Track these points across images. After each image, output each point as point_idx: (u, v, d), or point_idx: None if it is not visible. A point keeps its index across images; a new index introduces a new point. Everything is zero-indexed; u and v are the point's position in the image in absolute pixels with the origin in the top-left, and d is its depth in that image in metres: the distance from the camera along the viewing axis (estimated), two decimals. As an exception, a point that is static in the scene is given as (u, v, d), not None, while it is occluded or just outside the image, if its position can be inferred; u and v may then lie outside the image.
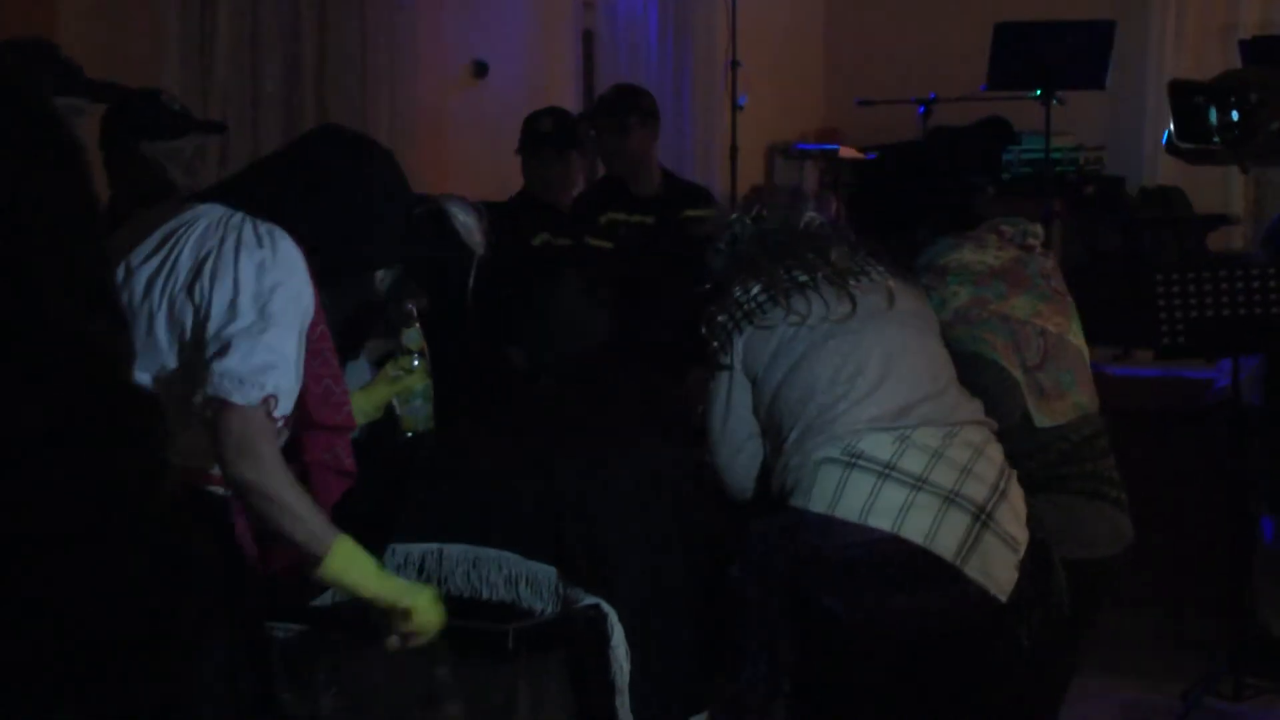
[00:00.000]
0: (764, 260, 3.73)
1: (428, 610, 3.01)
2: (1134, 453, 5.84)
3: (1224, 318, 5.01)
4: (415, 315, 3.84)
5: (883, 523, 3.43)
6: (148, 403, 2.11)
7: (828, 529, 3.46)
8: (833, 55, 10.91)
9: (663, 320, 5.36)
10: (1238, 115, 2.42)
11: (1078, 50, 8.43)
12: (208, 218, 3.00)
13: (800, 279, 3.67)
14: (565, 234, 5.78)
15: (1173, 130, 4.69)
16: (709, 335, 3.71)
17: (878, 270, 3.74)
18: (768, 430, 3.64)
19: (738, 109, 8.46)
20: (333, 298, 3.08)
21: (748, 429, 3.67)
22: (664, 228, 5.91)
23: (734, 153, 8.44)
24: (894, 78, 9.63)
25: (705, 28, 9.38)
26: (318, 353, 3.04)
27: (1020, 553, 3.52)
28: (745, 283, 3.69)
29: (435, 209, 3.72)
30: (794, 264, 3.70)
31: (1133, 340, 6.22)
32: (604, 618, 3.37)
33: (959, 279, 3.92)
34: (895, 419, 3.51)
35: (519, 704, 3.28)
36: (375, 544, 3.27)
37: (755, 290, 3.67)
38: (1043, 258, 4.06)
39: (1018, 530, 3.54)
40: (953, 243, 4.00)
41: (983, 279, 3.92)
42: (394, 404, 3.83)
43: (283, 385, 2.90)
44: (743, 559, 3.56)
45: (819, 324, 3.62)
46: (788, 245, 3.76)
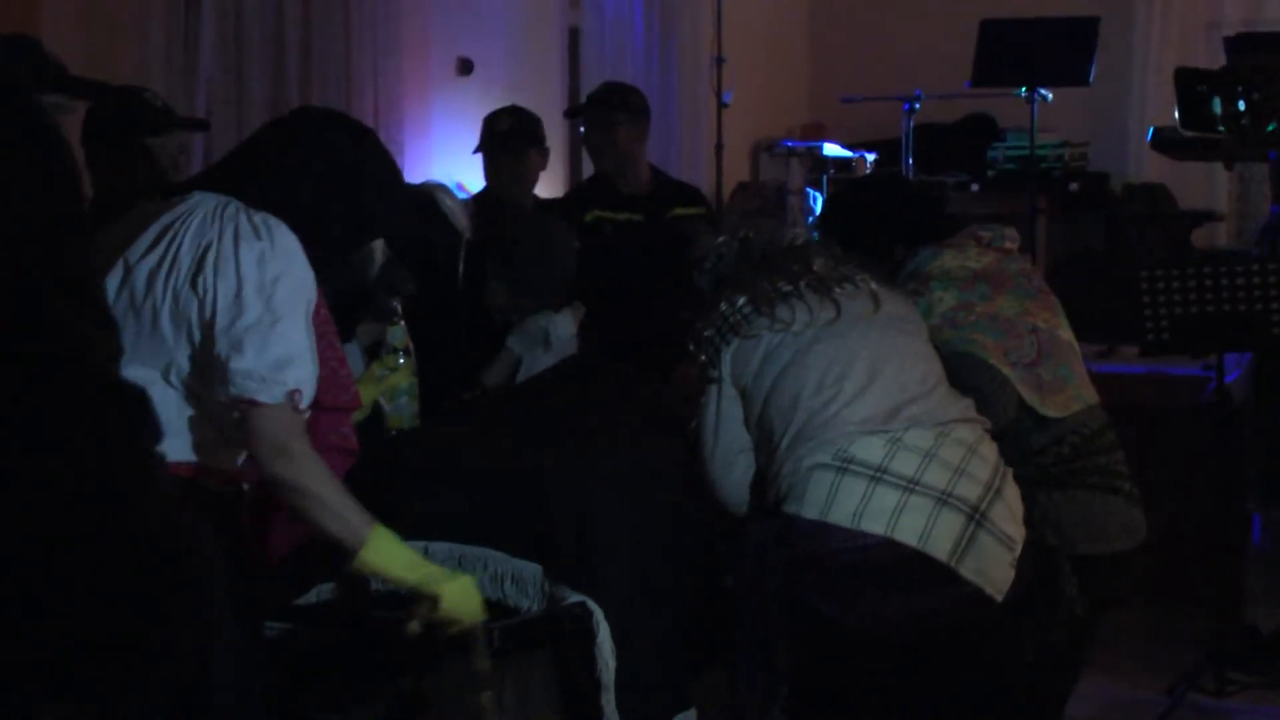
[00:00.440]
0: (748, 274, 3.75)
1: (458, 598, 3.05)
2: (1120, 448, 5.88)
3: (1208, 314, 5.01)
4: (400, 313, 3.84)
5: (875, 526, 3.42)
6: (135, 399, 2.11)
7: (821, 535, 3.45)
8: (818, 52, 10.92)
9: (651, 318, 5.36)
10: (1244, 105, 2.43)
11: (1062, 47, 8.43)
12: (203, 209, 3.00)
13: (784, 288, 3.67)
14: None
15: (1177, 118, 4.69)
16: (696, 350, 3.71)
17: (862, 276, 3.74)
18: (759, 439, 3.64)
19: (723, 106, 8.45)
20: (325, 282, 3.09)
21: (740, 443, 3.66)
22: (652, 226, 5.90)
23: (719, 150, 8.43)
24: (879, 75, 9.65)
25: (690, 25, 9.38)
26: (322, 336, 3.07)
27: (1016, 551, 3.51)
28: (730, 296, 3.70)
29: (423, 195, 3.73)
30: (777, 275, 3.71)
31: (1117, 337, 6.22)
32: (590, 615, 3.38)
33: (943, 284, 3.93)
34: (885, 421, 3.51)
35: (505, 702, 3.28)
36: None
37: (740, 302, 3.67)
38: (1021, 259, 4.09)
39: (1013, 529, 3.53)
40: (932, 251, 4.02)
41: (966, 283, 3.93)
42: (380, 401, 3.84)
43: (303, 377, 2.92)
44: (738, 566, 3.56)
45: (804, 330, 3.62)
46: (771, 259, 3.77)
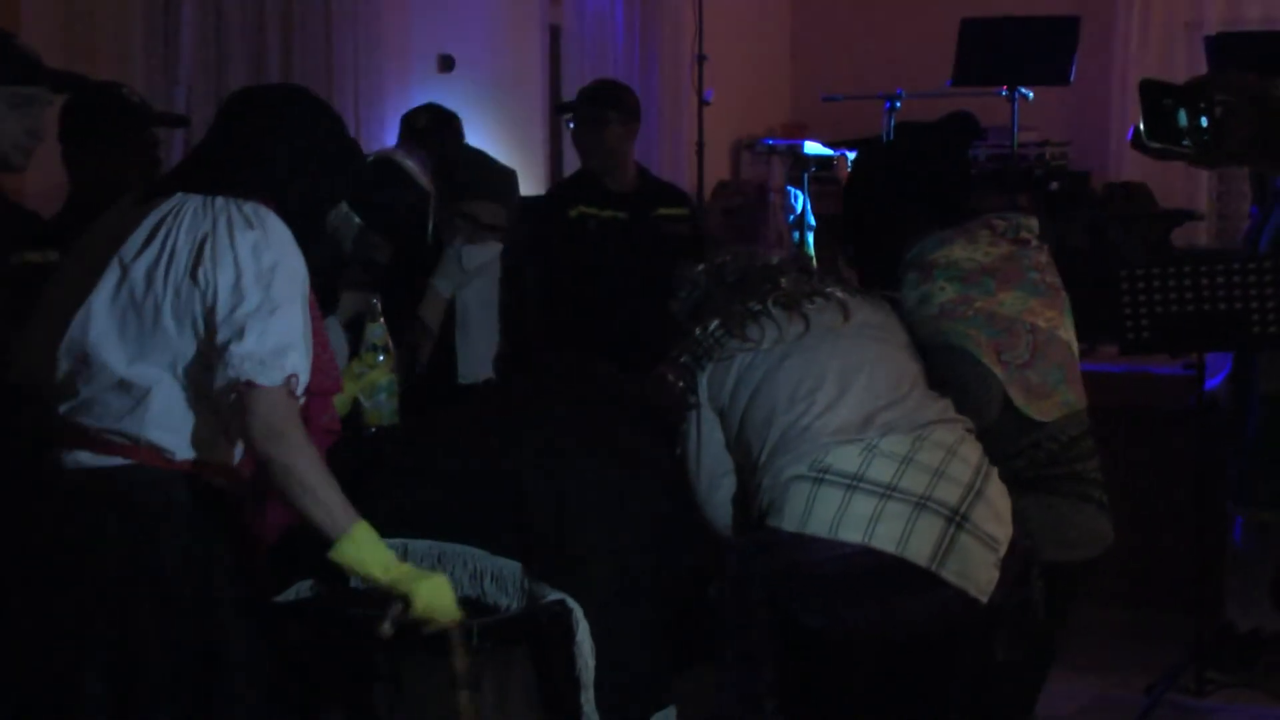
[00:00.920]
0: (720, 297, 3.76)
1: (431, 598, 3.05)
2: (1100, 448, 5.88)
3: (1189, 314, 5.01)
4: (380, 311, 3.84)
5: (853, 535, 3.41)
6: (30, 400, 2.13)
7: (801, 546, 3.44)
8: (799, 51, 10.92)
9: (634, 314, 5.36)
10: (1206, 121, 2.42)
11: (1043, 46, 8.45)
12: (192, 203, 3.03)
13: (753, 308, 3.68)
14: None
15: (1142, 129, 4.69)
16: (675, 378, 3.72)
17: (831, 288, 3.74)
18: (740, 458, 3.64)
19: (704, 104, 8.45)
20: (306, 256, 3.11)
21: (723, 465, 3.66)
22: (636, 224, 5.90)
23: (700, 148, 8.43)
24: (860, 73, 9.65)
25: (672, 22, 9.38)
26: (310, 321, 3.08)
27: (1000, 550, 3.50)
28: (704, 321, 3.72)
29: (384, 158, 3.74)
30: (748, 296, 3.72)
31: (1098, 336, 6.22)
32: (569, 613, 3.37)
33: (946, 275, 3.88)
34: (860, 430, 3.50)
35: (484, 699, 3.27)
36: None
37: (713, 326, 3.69)
38: (1036, 251, 4.02)
39: (997, 529, 3.52)
40: (942, 237, 3.95)
41: (971, 276, 3.88)
42: (359, 398, 3.84)
43: (300, 364, 2.96)
44: (721, 578, 3.55)
45: (773, 346, 3.62)
46: (742, 282, 3.78)
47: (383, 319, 3.85)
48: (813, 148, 9.11)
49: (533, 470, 3.52)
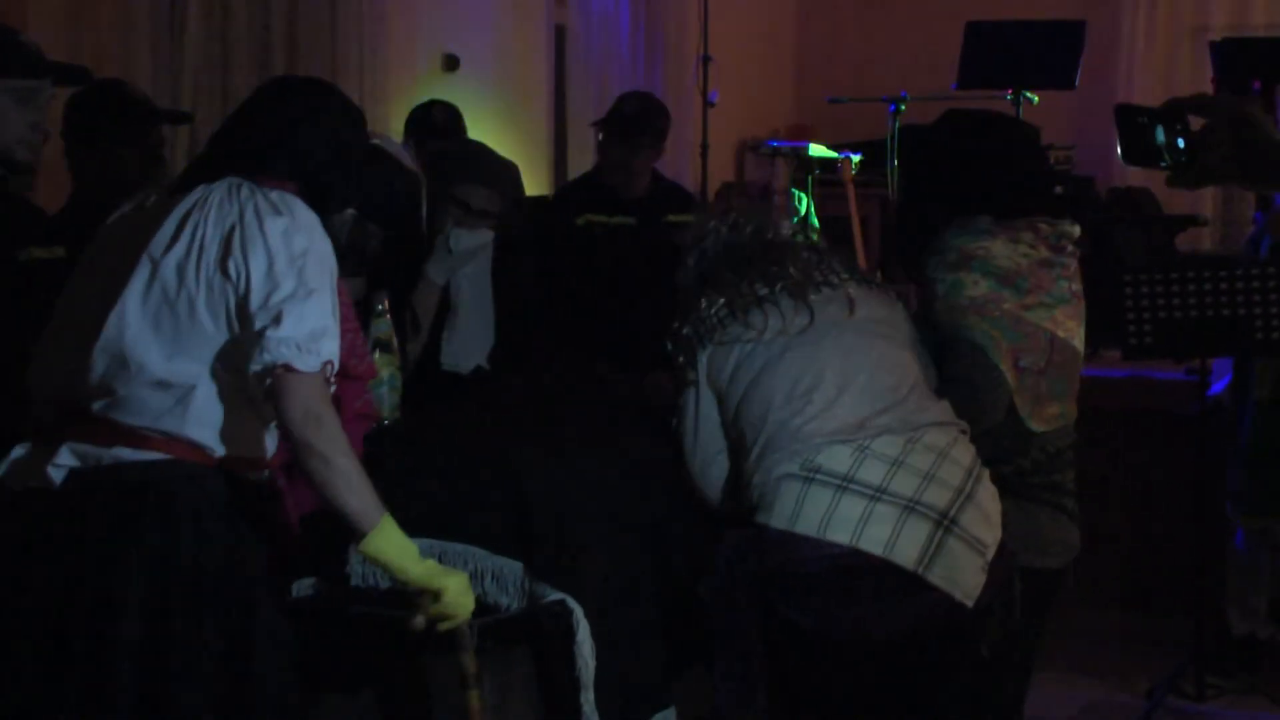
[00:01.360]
0: (728, 274, 3.74)
1: (457, 595, 3.05)
2: (1102, 452, 5.89)
3: (1192, 319, 5.02)
4: (387, 309, 3.84)
5: (840, 536, 3.42)
6: None
7: (789, 544, 3.45)
8: (804, 53, 10.93)
9: (642, 320, 5.36)
10: (1183, 142, 2.43)
11: (1048, 50, 8.44)
12: (218, 193, 3.01)
13: (760, 292, 3.67)
14: None
15: (1120, 154, 4.69)
16: (674, 351, 3.72)
17: (839, 278, 3.73)
18: (733, 444, 3.64)
19: (709, 105, 8.45)
20: None
21: (718, 443, 3.66)
22: (645, 231, 5.90)
23: (704, 149, 8.42)
24: (865, 76, 9.66)
25: (677, 23, 9.38)
26: (339, 306, 3.08)
27: (988, 555, 3.50)
28: (710, 296, 3.70)
29: (374, 149, 3.73)
30: (756, 276, 3.71)
31: (1101, 341, 6.22)
32: (570, 613, 3.37)
33: (982, 269, 3.86)
34: (854, 431, 3.50)
35: (485, 699, 3.27)
36: (342, 539, 3.27)
37: (719, 305, 3.68)
38: (1070, 258, 3.98)
39: (985, 532, 3.51)
40: (987, 229, 3.94)
41: (1006, 276, 3.86)
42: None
43: (334, 350, 2.95)
44: (711, 573, 3.55)
45: (775, 338, 3.61)
46: (752, 259, 3.76)
47: (389, 315, 3.86)
48: (817, 150, 9.09)
49: (534, 470, 3.52)
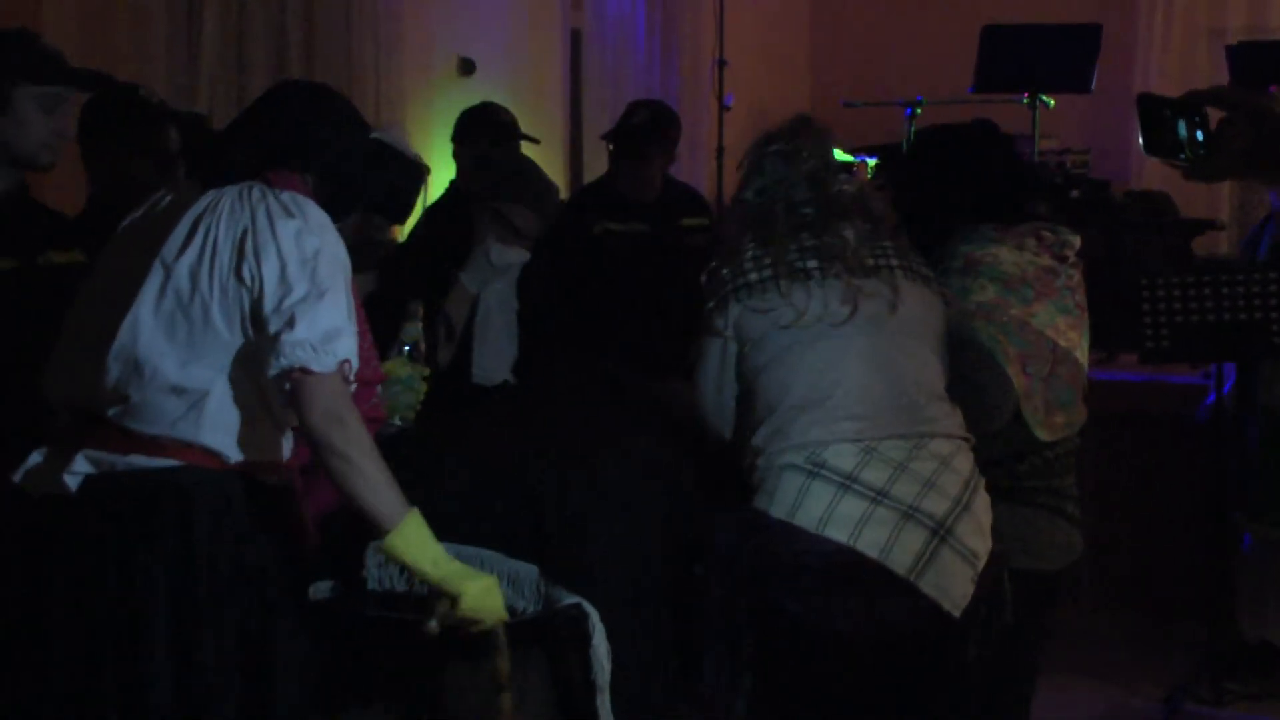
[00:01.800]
0: (781, 226, 3.69)
1: (478, 598, 3.03)
2: (1117, 456, 5.87)
3: (1209, 323, 5.01)
4: (420, 313, 3.86)
5: (839, 534, 3.44)
6: None
7: (786, 535, 3.47)
8: (819, 56, 10.92)
9: (658, 326, 5.37)
10: (1202, 135, 2.43)
11: (1064, 53, 8.43)
12: (229, 196, 3.01)
13: (809, 265, 3.64)
14: None
15: (1140, 143, 4.70)
16: (708, 289, 3.69)
17: (890, 263, 3.69)
18: (743, 399, 3.65)
19: (725, 109, 8.45)
20: None
21: (734, 389, 3.67)
22: (660, 236, 5.92)
23: (720, 152, 8.43)
24: (880, 79, 9.65)
25: (692, 27, 9.38)
26: (354, 306, 3.09)
27: (979, 565, 3.53)
28: (757, 244, 3.67)
29: (373, 140, 3.73)
30: (809, 241, 3.67)
31: (1117, 344, 6.22)
32: (586, 617, 3.37)
33: (989, 275, 3.87)
34: (865, 432, 3.51)
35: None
36: (358, 542, 3.27)
37: (764, 261, 3.64)
38: (1073, 268, 4.00)
39: (978, 543, 3.54)
40: (994, 235, 3.94)
41: (1013, 282, 3.87)
42: (378, 389, 3.84)
43: (351, 348, 2.95)
44: (707, 556, 3.56)
45: (813, 324, 3.60)
46: (810, 217, 3.71)
47: (421, 322, 3.86)
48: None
49: (550, 473, 3.52)
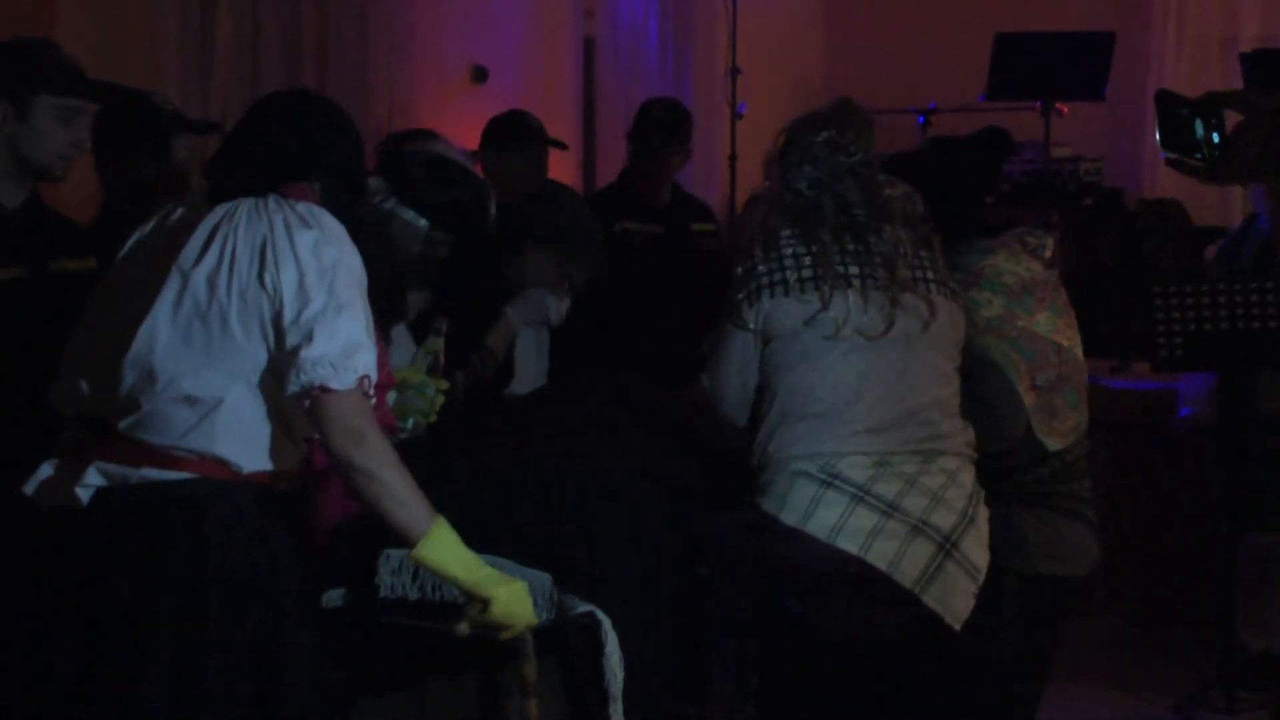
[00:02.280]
0: (827, 228, 3.66)
1: (511, 603, 3.03)
2: (1129, 464, 5.86)
3: (1222, 331, 5.00)
4: (444, 330, 3.85)
5: (850, 545, 3.47)
6: None
7: (796, 542, 3.49)
8: (832, 64, 10.90)
9: (667, 329, 5.36)
10: (1217, 137, 2.43)
11: (1077, 61, 8.43)
12: (245, 206, 3.01)
13: (850, 271, 3.62)
14: None
15: (1158, 139, 4.69)
16: (740, 280, 3.67)
17: (927, 276, 3.67)
18: (758, 399, 3.65)
19: (738, 116, 8.45)
20: (373, 256, 3.11)
21: (755, 380, 3.67)
22: (673, 239, 5.96)
23: (733, 160, 8.43)
24: (893, 87, 9.62)
25: (706, 35, 9.37)
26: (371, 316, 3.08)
27: (980, 579, 3.56)
28: (800, 242, 3.65)
29: (433, 156, 3.71)
30: (851, 245, 3.64)
31: (1130, 353, 6.22)
32: (598, 625, 3.37)
33: (992, 287, 3.88)
34: (879, 445, 3.52)
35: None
36: (370, 549, 3.27)
37: (805, 266, 3.62)
38: (1053, 270, 4.05)
39: (980, 557, 3.57)
40: (986, 247, 3.95)
41: (1014, 292, 3.88)
42: (389, 395, 3.84)
43: (370, 362, 2.94)
44: (712, 557, 3.56)
45: (848, 334, 3.59)
46: (861, 219, 3.68)
47: (444, 338, 3.86)
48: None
49: (563, 481, 3.52)
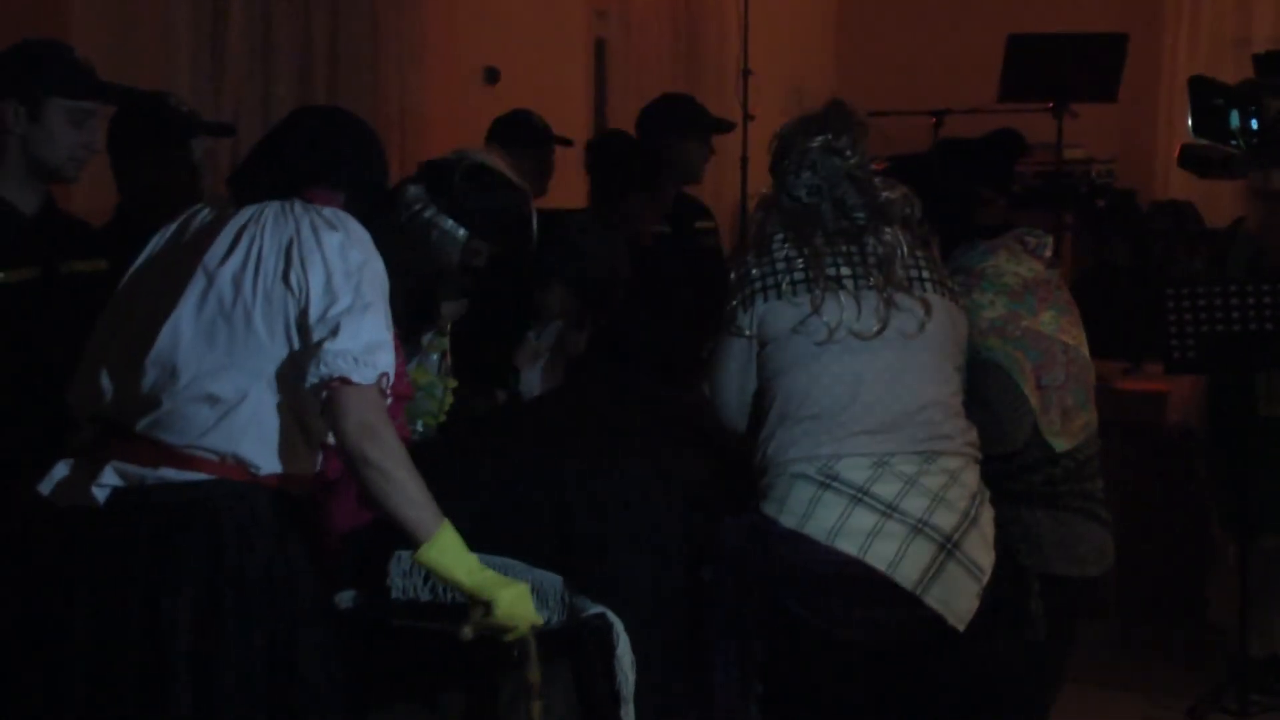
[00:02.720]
0: (827, 232, 3.66)
1: (511, 605, 3.03)
2: (1143, 466, 5.85)
3: (1235, 332, 5.00)
4: (448, 328, 3.86)
5: (849, 546, 3.46)
6: None
7: (796, 544, 3.49)
8: (844, 66, 10.91)
9: (673, 328, 5.36)
10: (1257, 124, 2.42)
11: (1090, 63, 8.43)
12: (271, 209, 3.03)
13: (843, 273, 3.61)
14: None
15: (1190, 125, 4.66)
16: (733, 286, 3.67)
17: (923, 276, 3.66)
18: (756, 404, 3.66)
19: (749, 118, 8.45)
20: (408, 264, 3.12)
21: (753, 385, 3.67)
22: (679, 238, 5.96)
23: (744, 163, 8.43)
24: (906, 89, 9.62)
25: (717, 37, 9.38)
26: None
27: (985, 580, 3.54)
28: (793, 246, 3.64)
29: (474, 164, 3.71)
30: (844, 247, 3.64)
31: (1143, 354, 6.21)
32: (610, 627, 3.37)
33: (995, 288, 3.88)
34: (877, 446, 3.52)
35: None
36: (382, 551, 3.27)
37: (797, 264, 3.62)
38: (1054, 269, 4.06)
39: (984, 557, 3.55)
40: (986, 249, 3.96)
41: (1016, 293, 3.89)
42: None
43: (390, 362, 2.96)
44: (715, 560, 3.56)
45: (842, 336, 3.59)
46: (861, 222, 3.67)
47: (449, 335, 3.87)
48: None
49: (574, 482, 3.52)
